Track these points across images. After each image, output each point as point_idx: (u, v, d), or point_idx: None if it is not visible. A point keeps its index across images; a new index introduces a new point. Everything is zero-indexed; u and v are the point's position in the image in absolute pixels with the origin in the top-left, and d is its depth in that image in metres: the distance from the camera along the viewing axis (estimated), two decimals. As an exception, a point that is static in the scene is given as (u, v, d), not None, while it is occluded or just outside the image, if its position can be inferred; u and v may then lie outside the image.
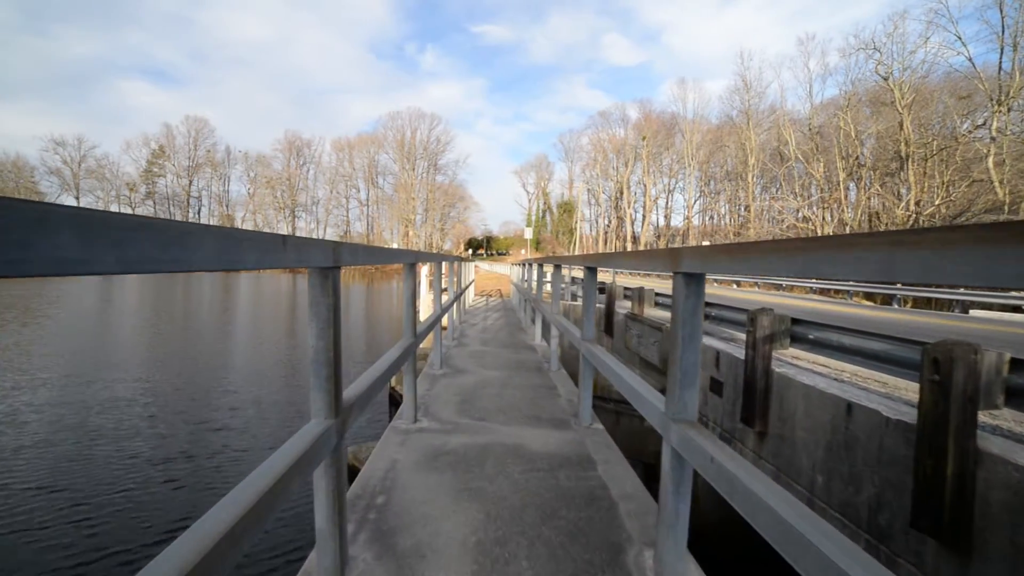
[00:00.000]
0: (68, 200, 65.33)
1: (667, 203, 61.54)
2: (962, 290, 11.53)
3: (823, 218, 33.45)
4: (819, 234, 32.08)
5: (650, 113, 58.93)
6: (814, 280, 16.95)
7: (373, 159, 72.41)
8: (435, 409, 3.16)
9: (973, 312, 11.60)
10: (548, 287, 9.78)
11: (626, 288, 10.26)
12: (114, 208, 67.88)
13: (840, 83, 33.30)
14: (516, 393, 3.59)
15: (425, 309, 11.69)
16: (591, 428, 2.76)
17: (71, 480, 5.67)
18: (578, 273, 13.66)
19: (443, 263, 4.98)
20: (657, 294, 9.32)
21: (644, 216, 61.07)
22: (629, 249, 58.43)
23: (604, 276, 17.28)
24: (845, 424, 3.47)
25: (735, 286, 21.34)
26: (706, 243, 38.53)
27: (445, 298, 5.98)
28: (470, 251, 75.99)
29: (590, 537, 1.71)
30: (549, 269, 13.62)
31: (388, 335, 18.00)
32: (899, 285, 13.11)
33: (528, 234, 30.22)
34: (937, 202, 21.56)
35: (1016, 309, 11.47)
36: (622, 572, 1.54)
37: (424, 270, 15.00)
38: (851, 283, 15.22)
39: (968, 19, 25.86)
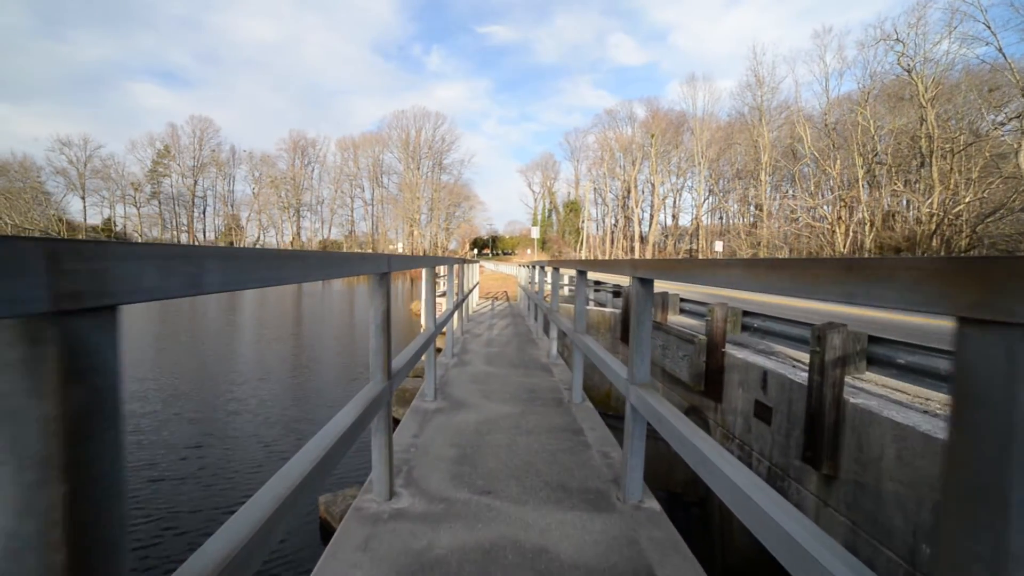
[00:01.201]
0: (75, 200, 65.39)
1: (675, 202, 60.44)
2: None
3: (838, 216, 32.29)
4: (835, 233, 30.97)
5: (658, 111, 57.87)
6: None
7: (378, 158, 71.86)
8: (422, 472, 2.32)
9: None
10: (549, 287, 8.95)
11: (644, 292, 9.42)
12: (119, 208, 67.89)
13: (858, 77, 32.15)
14: (532, 443, 2.75)
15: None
16: (642, 508, 1.91)
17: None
18: (594, 276, 12.79)
19: (438, 268, 4.16)
20: (682, 299, 8.46)
21: (652, 215, 59.99)
22: (637, 250, 57.30)
23: (615, 278, 16.40)
24: (969, 484, 2.63)
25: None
26: (718, 244, 37.31)
27: (443, 307, 5.18)
28: (475, 251, 75.26)
29: None
30: (568, 273, 12.58)
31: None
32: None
33: (535, 233, 29.36)
34: (967, 199, 20.48)
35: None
36: None
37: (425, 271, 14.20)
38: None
39: (997, 6, 24.60)
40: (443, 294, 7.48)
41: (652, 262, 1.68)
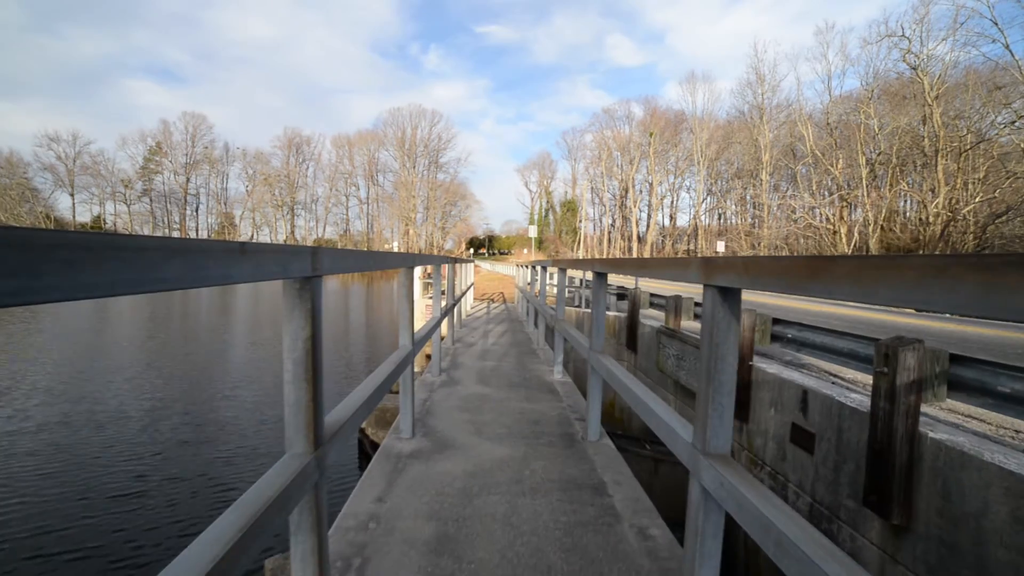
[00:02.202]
0: (63, 197, 64.08)
1: (673, 202, 59.86)
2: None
3: (841, 216, 31.72)
4: (838, 233, 30.39)
5: (656, 110, 57.25)
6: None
7: (373, 156, 70.89)
8: (382, 568, 1.58)
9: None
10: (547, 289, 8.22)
11: (653, 295, 8.70)
12: (109, 206, 66.59)
13: (861, 75, 31.64)
14: (540, 510, 2.00)
15: (420, 316, 9.61)
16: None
17: None
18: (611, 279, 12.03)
19: (417, 269, 3.40)
20: (696, 303, 7.76)
21: (649, 215, 59.38)
22: (635, 250, 56.63)
23: (620, 279, 15.69)
24: None
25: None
26: (720, 244, 36.99)
27: (429, 314, 4.45)
28: (471, 250, 74.49)
29: None
30: (576, 275, 11.69)
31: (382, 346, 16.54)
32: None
33: (532, 232, 28.64)
34: (977, 199, 19.91)
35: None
36: None
37: (417, 271, 13.44)
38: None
39: (1004, 1, 24.07)
40: (432, 297, 6.72)
41: (741, 261, 0.96)
